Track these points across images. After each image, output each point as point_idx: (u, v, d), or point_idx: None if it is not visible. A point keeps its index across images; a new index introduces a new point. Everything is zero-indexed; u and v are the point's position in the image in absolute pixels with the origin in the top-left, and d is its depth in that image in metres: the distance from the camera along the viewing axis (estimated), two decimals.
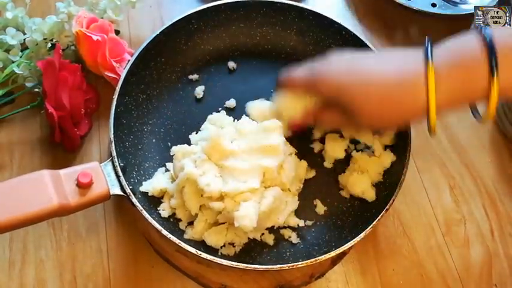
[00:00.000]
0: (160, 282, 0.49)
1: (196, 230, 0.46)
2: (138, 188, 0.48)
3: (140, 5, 0.60)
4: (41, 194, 0.40)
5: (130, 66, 0.51)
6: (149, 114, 0.54)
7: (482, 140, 0.60)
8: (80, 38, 0.54)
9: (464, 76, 0.38)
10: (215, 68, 0.57)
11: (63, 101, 0.51)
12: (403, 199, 0.55)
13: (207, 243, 0.46)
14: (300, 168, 0.50)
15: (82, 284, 0.48)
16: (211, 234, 0.46)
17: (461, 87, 0.39)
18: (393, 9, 0.66)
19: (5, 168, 0.54)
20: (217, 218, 0.46)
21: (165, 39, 0.54)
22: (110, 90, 0.52)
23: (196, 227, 0.46)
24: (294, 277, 0.49)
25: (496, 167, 0.58)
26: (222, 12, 0.56)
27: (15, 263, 0.49)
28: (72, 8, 0.56)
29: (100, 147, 0.56)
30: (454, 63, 0.38)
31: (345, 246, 0.44)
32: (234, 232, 0.46)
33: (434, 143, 0.59)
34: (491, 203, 0.56)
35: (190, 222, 0.47)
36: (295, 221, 0.49)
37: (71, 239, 0.50)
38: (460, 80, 0.38)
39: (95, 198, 0.43)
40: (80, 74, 0.54)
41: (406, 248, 0.52)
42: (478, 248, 0.53)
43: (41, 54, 0.56)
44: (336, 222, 0.50)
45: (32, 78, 0.56)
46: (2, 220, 0.38)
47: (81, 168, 0.43)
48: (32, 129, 0.56)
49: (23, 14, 0.58)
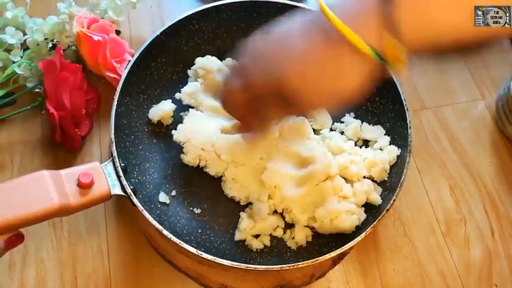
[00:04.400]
0: (161, 282, 0.49)
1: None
2: (139, 186, 0.48)
3: (141, 6, 0.60)
4: (42, 194, 0.40)
5: (131, 67, 0.51)
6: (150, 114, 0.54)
7: (483, 140, 0.60)
8: (81, 38, 0.54)
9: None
10: None
11: (64, 101, 0.51)
12: (404, 199, 0.55)
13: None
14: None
15: (83, 284, 0.48)
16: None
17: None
18: None
19: (5, 168, 0.54)
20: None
21: (166, 39, 0.54)
22: (110, 91, 0.52)
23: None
24: (295, 277, 0.49)
25: (496, 167, 0.58)
26: (223, 12, 0.56)
27: (16, 263, 0.49)
28: (73, 9, 0.56)
29: (101, 147, 0.56)
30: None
31: (346, 247, 0.44)
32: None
33: (435, 144, 0.59)
34: (491, 203, 0.56)
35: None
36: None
37: (71, 239, 0.50)
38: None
39: (95, 199, 0.43)
40: (80, 74, 0.54)
41: (407, 248, 0.53)
42: (478, 247, 0.53)
43: (42, 55, 0.56)
44: None
45: (32, 78, 0.56)
46: (3, 221, 0.38)
47: (82, 168, 0.43)
48: (33, 130, 0.56)
49: (23, 14, 0.58)
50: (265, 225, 0.48)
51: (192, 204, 0.50)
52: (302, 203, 0.48)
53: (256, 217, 0.48)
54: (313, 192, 0.49)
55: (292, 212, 0.48)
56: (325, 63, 0.34)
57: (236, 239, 0.48)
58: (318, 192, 0.49)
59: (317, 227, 0.48)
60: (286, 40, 0.36)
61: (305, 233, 0.48)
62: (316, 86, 0.36)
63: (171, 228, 0.46)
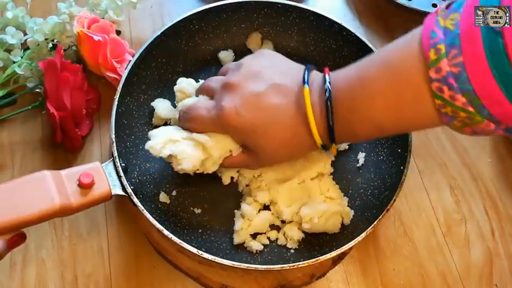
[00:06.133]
0: (161, 282, 0.49)
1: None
2: (140, 186, 0.48)
3: (141, 6, 0.60)
4: (43, 194, 0.40)
5: (131, 67, 0.51)
6: (150, 114, 0.54)
7: (483, 140, 0.60)
8: (81, 38, 0.54)
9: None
10: (216, 68, 0.57)
11: (64, 101, 0.51)
12: (404, 199, 0.55)
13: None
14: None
15: (83, 284, 0.48)
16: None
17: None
18: (394, 9, 0.66)
19: (6, 168, 0.54)
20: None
21: (166, 39, 0.54)
22: (111, 91, 0.52)
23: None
24: (295, 277, 0.49)
25: (496, 167, 0.58)
26: (223, 12, 0.57)
27: (16, 262, 0.49)
28: (74, 9, 0.56)
29: (101, 147, 0.56)
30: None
31: (346, 246, 0.44)
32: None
33: (435, 144, 0.59)
34: (491, 203, 0.56)
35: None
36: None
37: (72, 238, 0.50)
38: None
39: (96, 199, 0.43)
40: (81, 75, 0.54)
41: (407, 248, 0.53)
42: (478, 248, 0.53)
43: (42, 55, 0.56)
44: None
45: (33, 78, 0.56)
46: (4, 221, 0.38)
47: (82, 168, 0.43)
48: (33, 130, 0.56)
49: (23, 14, 0.58)
50: (259, 221, 0.48)
51: (193, 204, 0.50)
52: (288, 197, 0.49)
53: (247, 216, 0.48)
54: (299, 188, 0.49)
55: (278, 204, 0.48)
56: (292, 141, 0.42)
57: (235, 242, 0.48)
58: (304, 189, 0.49)
59: (302, 224, 0.48)
60: (272, 115, 0.42)
61: (296, 230, 0.48)
62: (279, 155, 0.44)
63: (171, 228, 0.46)
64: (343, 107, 0.39)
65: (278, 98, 0.42)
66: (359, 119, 0.39)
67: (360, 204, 0.51)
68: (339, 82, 0.40)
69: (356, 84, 0.38)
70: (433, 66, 0.32)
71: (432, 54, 0.32)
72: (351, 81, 0.39)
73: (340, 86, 0.39)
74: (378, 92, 0.37)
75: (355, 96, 0.38)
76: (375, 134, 0.41)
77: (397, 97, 0.36)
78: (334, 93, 0.39)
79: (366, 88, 0.38)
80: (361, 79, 0.38)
